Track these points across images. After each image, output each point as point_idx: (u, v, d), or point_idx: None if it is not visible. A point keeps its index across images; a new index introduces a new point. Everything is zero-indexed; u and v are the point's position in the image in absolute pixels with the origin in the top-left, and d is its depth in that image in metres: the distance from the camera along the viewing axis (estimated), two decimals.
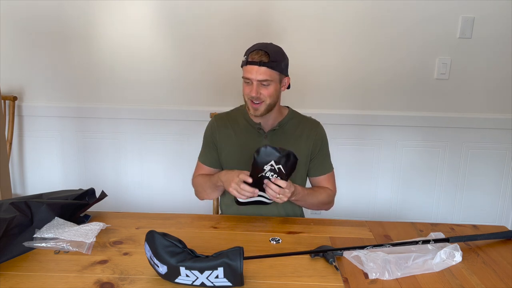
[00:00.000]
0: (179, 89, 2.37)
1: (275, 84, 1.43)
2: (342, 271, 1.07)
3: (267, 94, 1.42)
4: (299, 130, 1.56)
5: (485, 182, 2.44)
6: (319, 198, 1.51)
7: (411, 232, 1.33)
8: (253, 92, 1.40)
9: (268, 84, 1.41)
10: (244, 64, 1.41)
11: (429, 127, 2.37)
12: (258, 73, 1.38)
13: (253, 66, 1.38)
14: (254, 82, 1.39)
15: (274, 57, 1.39)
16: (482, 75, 2.31)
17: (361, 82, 2.33)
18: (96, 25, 2.29)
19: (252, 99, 1.42)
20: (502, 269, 1.12)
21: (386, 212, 2.48)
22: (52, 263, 1.09)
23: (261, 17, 2.25)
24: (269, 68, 1.38)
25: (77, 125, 2.42)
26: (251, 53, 1.40)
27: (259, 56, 1.38)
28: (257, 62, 1.37)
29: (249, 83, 1.42)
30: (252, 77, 1.39)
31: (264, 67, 1.38)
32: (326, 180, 1.59)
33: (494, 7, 2.21)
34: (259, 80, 1.39)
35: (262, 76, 1.39)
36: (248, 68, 1.39)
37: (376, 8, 2.23)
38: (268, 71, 1.39)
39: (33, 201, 1.23)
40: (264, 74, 1.38)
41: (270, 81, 1.40)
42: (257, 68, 1.38)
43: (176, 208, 2.43)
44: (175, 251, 0.97)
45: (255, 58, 1.38)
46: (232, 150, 1.54)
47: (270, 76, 1.39)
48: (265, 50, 1.39)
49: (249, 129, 1.54)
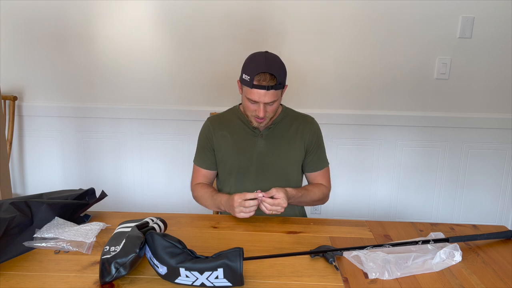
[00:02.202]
0: (179, 89, 2.37)
1: (279, 100, 1.45)
2: (342, 271, 1.07)
3: (272, 111, 1.44)
4: (294, 127, 1.56)
5: (485, 181, 2.44)
6: (313, 197, 1.52)
7: (411, 232, 1.33)
8: (261, 113, 1.41)
9: (273, 104, 1.42)
10: (249, 87, 1.38)
11: (429, 127, 2.37)
12: (266, 97, 1.38)
13: (260, 91, 1.37)
14: (261, 104, 1.40)
15: (280, 78, 1.39)
16: (482, 75, 2.31)
17: (361, 82, 2.33)
18: (96, 25, 2.29)
19: (257, 117, 1.43)
20: (502, 269, 1.12)
21: (386, 212, 2.48)
22: (52, 263, 1.09)
23: (260, 17, 2.25)
24: (275, 90, 1.39)
25: (77, 125, 2.42)
26: (257, 76, 1.36)
27: (267, 82, 1.36)
28: (265, 87, 1.37)
29: (253, 103, 1.42)
30: (259, 100, 1.39)
31: (272, 90, 1.38)
32: (321, 175, 1.59)
33: (494, 7, 2.21)
34: (266, 102, 1.40)
35: (269, 99, 1.39)
36: (255, 92, 1.38)
37: (376, 8, 2.23)
38: (274, 93, 1.39)
39: (33, 201, 1.23)
40: (271, 96, 1.39)
41: (275, 101, 1.42)
42: (265, 92, 1.37)
43: (176, 208, 2.43)
44: (175, 252, 0.97)
45: (262, 83, 1.36)
46: (229, 150, 1.54)
47: (276, 96, 1.41)
48: (271, 73, 1.37)
49: (244, 129, 1.55)
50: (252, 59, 1.43)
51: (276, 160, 1.53)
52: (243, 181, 1.54)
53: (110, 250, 1.01)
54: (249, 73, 1.38)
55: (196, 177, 1.61)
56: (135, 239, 1.00)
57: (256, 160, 1.53)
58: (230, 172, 1.56)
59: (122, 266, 0.97)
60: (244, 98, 1.45)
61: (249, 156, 1.53)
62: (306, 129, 1.57)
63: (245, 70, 1.41)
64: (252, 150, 1.53)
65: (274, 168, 1.53)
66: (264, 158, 1.53)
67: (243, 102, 1.48)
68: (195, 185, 1.59)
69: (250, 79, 1.37)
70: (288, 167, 1.55)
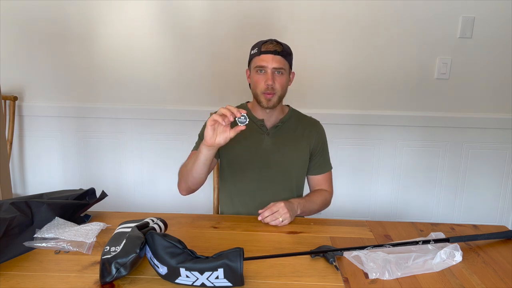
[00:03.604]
0: (179, 89, 2.37)
1: (286, 75, 1.47)
2: (343, 271, 1.07)
3: (280, 84, 1.45)
4: (300, 129, 1.57)
5: (485, 182, 2.43)
6: (317, 203, 1.53)
7: (411, 232, 1.33)
8: (269, 79, 1.42)
9: (282, 74, 1.44)
10: (257, 55, 1.44)
11: (430, 127, 2.37)
12: (274, 61, 1.42)
13: (268, 55, 1.42)
14: (269, 71, 1.42)
15: (286, 48, 1.46)
16: (482, 74, 2.31)
17: (362, 82, 2.33)
18: (96, 25, 2.29)
19: (266, 89, 1.43)
20: (502, 269, 1.12)
21: (386, 212, 2.48)
22: (53, 263, 1.09)
23: (261, 16, 2.25)
24: (283, 57, 1.43)
25: (77, 125, 2.42)
26: (264, 44, 1.45)
27: (274, 46, 1.43)
28: (273, 51, 1.42)
29: (262, 72, 1.44)
30: (268, 65, 1.42)
31: (279, 55, 1.42)
32: (324, 179, 1.59)
33: (495, 7, 2.21)
34: (275, 67, 1.42)
35: (277, 64, 1.42)
36: (263, 57, 1.42)
37: (377, 8, 2.23)
38: (282, 60, 1.43)
39: (34, 201, 1.23)
40: (279, 62, 1.43)
41: (284, 70, 1.44)
42: (273, 57, 1.42)
43: (176, 207, 2.43)
44: (175, 252, 0.97)
45: (269, 48, 1.43)
46: (233, 146, 1.54)
47: (284, 65, 1.44)
48: (277, 41, 1.46)
49: (251, 125, 1.54)
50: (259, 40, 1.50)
51: (280, 158, 1.54)
52: (246, 178, 1.54)
53: (110, 250, 1.01)
54: (257, 46, 1.47)
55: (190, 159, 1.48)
56: (135, 239, 1.00)
57: (261, 158, 1.53)
58: (233, 168, 1.56)
59: (123, 266, 0.97)
60: (253, 74, 1.47)
61: (254, 153, 1.53)
62: (312, 131, 1.58)
63: (253, 47, 1.48)
64: (257, 147, 1.53)
65: (278, 166, 1.53)
66: (269, 156, 1.53)
67: (252, 82, 1.49)
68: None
69: (258, 49, 1.44)
70: (292, 167, 1.56)
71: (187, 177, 1.43)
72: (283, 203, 1.35)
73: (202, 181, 1.45)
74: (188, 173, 1.41)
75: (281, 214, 1.33)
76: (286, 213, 1.33)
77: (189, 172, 1.41)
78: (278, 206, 1.34)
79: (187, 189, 1.48)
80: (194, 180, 1.42)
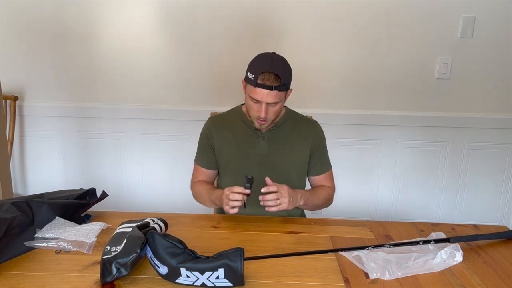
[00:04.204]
0: (180, 89, 2.37)
1: (282, 102, 1.44)
2: (343, 271, 1.07)
3: (274, 113, 1.43)
4: (296, 130, 1.55)
5: (486, 182, 2.43)
6: (321, 197, 1.52)
7: (412, 232, 1.33)
8: (262, 113, 1.40)
9: (275, 105, 1.41)
10: (253, 85, 1.38)
11: (430, 127, 2.37)
12: (269, 97, 1.37)
13: (263, 90, 1.36)
14: (264, 104, 1.39)
15: (284, 79, 1.38)
16: (483, 74, 2.31)
17: (362, 82, 2.33)
18: (96, 25, 2.29)
19: (259, 117, 1.42)
20: (503, 269, 1.12)
21: (387, 212, 2.48)
22: (53, 263, 1.09)
23: (262, 16, 2.25)
24: (279, 91, 1.38)
25: (78, 125, 2.42)
26: (261, 75, 1.36)
27: (271, 82, 1.36)
28: (269, 87, 1.36)
29: (256, 103, 1.41)
30: (262, 100, 1.38)
31: (275, 91, 1.37)
32: (325, 178, 1.59)
33: (495, 6, 2.21)
34: (269, 102, 1.39)
35: (272, 99, 1.38)
36: (258, 91, 1.37)
37: (377, 8, 2.23)
38: (278, 94, 1.38)
39: (34, 201, 1.23)
40: (274, 97, 1.38)
41: (278, 102, 1.41)
42: (268, 92, 1.37)
43: (176, 207, 2.43)
44: (176, 252, 0.97)
45: (266, 83, 1.36)
46: (230, 151, 1.54)
47: (279, 98, 1.40)
48: (276, 73, 1.36)
49: (246, 130, 1.54)
50: (258, 58, 1.43)
51: (277, 162, 1.53)
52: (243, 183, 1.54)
53: (111, 250, 1.01)
54: (253, 71, 1.38)
55: (196, 176, 1.61)
56: (136, 239, 1.00)
57: (258, 162, 1.52)
58: (230, 173, 1.55)
59: (123, 266, 0.97)
60: (247, 98, 1.44)
61: (251, 158, 1.52)
62: (310, 132, 1.56)
63: (251, 68, 1.40)
64: (253, 151, 1.52)
65: (275, 171, 1.52)
66: (266, 160, 1.52)
67: (246, 102, 1.47)
68: (194, 183, 1.59)
69: (254, 78, 1.37)
70: (290, 170, 1.54)
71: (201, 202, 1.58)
72: (287, 187, 1.33)
73: None
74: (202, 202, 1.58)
75: (282, 196, 1.31)
76: (286, 197, 1.31)
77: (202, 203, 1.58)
78: (282, 188, 1.32)
79: None
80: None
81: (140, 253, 0.98)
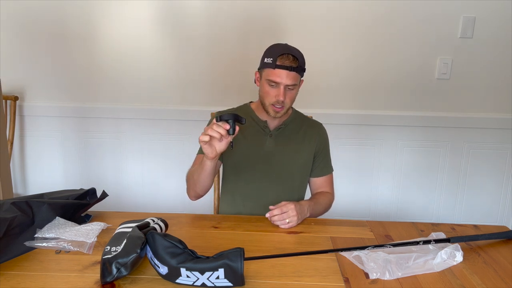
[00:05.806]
0: (180, 89, 2.37)
1: (297, 88, 1.45)
2: (343, 271, 1.07)
3: (290, 99, 1.44)
4: (303, 131, 1.57)
5: (486, 182, 2.43)
6: (323, 205, 1.53)
7: (412, 232, 1.32)
8: (281, 96, 1.39)
9: (293, 89, 1.42)
10: (272, 67, 1.38)
11: (430, 127, 2.37)
12: (288, 78, 1.38)
13: (283, 71, 1.37)
14: (282, 86, 1.39)
15: (301, 62, 1.40)
16: (483, 74, 2.31)
17: (362, 82, 2.33)
18: (97, 25, 2.29)
19: (276, 103, 1.41)
20: (503, 269, 1.12)
21: (387, 212, 2.48)
22: (53, 263, 1.09)
23: (262, 16, 2.25)
24: (297, 73, 1.39)
25: (78, 125, 2.42)
26: (280, 57, 1.37)
27: (290, 62, 1.37)
28: (288, 67, 1.36)
29: (274, 86, 1.40)
30: (281, 81, 1.38)
31: (294, 72, 1.38)
32: (326, 181, 1.59)
33: (495, 6, 2.21)
34: (288, 84, 1.39)
35: (291, 81, 1.38)
36: (277, 72, 1.37)
37: (377, 8, 2.23)
38: (296, 76, 1.39)
39: (34, 201, 1.23)
40: (293, 79, 1.39)
41: (296, 85, 1.41)
42: (287, 73, 1.37)
43: (177, 207, 2.43)
44: (176, 252, 0.97)
45: (285, 63, 1.37)
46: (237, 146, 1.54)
47: (297, 80, 1.41)
48: (293, 54, 1.38)
49: (254, 127, 1.54)
50: (273, 46, 1.45)
51: (283, 160, 1.53)
52: (248, 179, 1.54)
53: (111, 250, 1.01)
54: (271, 55, 1.39)
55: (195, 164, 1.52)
56: (136, 239, 1.00)
57: (263, 159, 1.53)
58: (235, 169, 1.55)
59: (123, 266, 0.97)
60: (264, 84, 1.43)
61: (257, 154, 1.53)
62: (315, 133, 1.58)
63: (267, 54, 1.41)
64: (260, 148, 1.53)
65: (280, 168, 1.53)
66: (272, 158, 1.53)
67: (262, 90, 1.46)
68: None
69: (273, 60, 1.37)
70: (294, 169, 1.55)
71: (194, 186, 1.44)
72: (294, 205, 1.32)
73: (209, 187, 1.46)
74: (196, 183, 1.43)
75: (289, 216, 1.31)
76: (295, 216, 1.31)
77: (196, 182, 1.42)
78: (288, 207, 1.32)
79: (196, 195, 1.50)
80: (203, 188, 1.45)
81: (140, 253, 0.98)
